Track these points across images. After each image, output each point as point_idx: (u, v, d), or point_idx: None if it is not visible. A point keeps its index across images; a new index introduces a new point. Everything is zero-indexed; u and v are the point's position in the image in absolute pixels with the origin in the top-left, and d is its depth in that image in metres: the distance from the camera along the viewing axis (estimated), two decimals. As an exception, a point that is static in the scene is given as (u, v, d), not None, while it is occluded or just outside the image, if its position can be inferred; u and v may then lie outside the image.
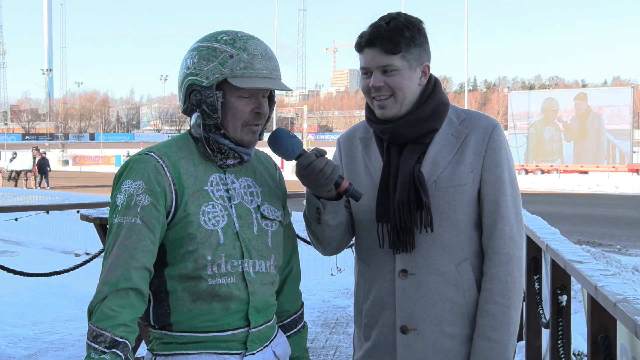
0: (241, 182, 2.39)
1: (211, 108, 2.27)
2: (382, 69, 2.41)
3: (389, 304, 2.47)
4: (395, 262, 2.45)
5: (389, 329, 2.48)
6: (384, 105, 2.43)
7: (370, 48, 2.42)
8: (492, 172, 2.44)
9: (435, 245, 2.42)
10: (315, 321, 7.98)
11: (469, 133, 2.47)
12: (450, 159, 2.44)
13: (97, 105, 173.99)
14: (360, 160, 2.57)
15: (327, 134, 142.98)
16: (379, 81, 2.41)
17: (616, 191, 34.80)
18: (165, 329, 2.28)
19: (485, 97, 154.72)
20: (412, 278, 2.43)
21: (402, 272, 2.44)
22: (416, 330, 2.44)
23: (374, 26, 2.42)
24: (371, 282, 2.52)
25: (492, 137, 2.46)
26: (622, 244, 17.14)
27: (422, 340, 2.44)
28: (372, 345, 2.53)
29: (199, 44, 2.33)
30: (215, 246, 2.25)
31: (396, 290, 2.45)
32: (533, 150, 48.54)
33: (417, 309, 2.44)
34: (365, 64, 2.44)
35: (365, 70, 2.45)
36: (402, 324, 2.45)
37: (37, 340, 7.16)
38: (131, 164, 2.25)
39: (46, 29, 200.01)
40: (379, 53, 2.40)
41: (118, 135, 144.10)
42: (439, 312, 2.43)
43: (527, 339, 5.75)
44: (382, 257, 2.48)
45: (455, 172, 2.43)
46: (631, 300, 2.79)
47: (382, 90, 2.42)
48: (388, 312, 2.48)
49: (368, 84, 2.44)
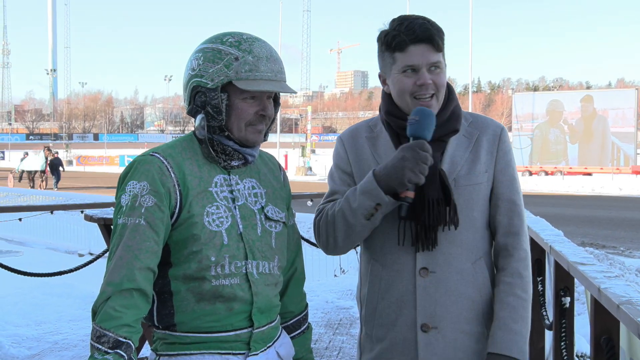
0: (245, 183, 2.39)
1: (216, 110, 2.28)
2: (429, 67, 2.40)
3: (409, 302, 2.46)
4: (416, 260, 2.45)
5: (408, 328, 2.47)
6: (429, 105, 2.42)
7: (418, 45, 2.38)
8: (505, 172, 2.52)
9: (454, 243, 2.45)
10: (318, 322, 7.98)
11: (480, 134, 2.52)
12: (466, 157, 2.48)
13: (101, 105, 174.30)
14: (369, 158, 2.54)
15: (331, 135, 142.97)
16: (428, 78, 2.40)
17: (620, 193, 34.74)
18: (169, 330, 2.28)
19: (489, 98, 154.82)
20: (433, 276, 2.44)
21: (423, 269, 2.44)
22: (437, 328, 2.45)
23: (420, 24, 2.39)
24: (387, 282, 2.50)
25: (502, 138, 2.54)
26: (626, 245, 17.11)
27: (442, 339, 2.45)
28: (388, 345, 2.52)
29: (204, 45, 2.33)
30: (219, 247, 2.25)
31: (417, 288, 2.45)
32: (537, 152, 48.45)
33: (438, 307, 2.45)
34: (414, 61, 2.39)
35: (412, 67, 2.40)
36: (423, 322, 2.45)
37: (40, 340, 7.17)
38: (136, 165, 2.26)
39: (50, 29, 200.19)
40: (428, 50, 2.39)
41: (122, 136, 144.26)
42: (458, 310, 2.46)
43: (531, 341, 5.74)
44: (401, 256, 2.47)
45: (472, 171, 2.47)
46: (634, 302, 2.79)
47: (429, 88, 2.41)
48: (407, 311, 2.47)
49: (413, 82, 2.41)
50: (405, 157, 2.30)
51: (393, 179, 2.32)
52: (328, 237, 2.51)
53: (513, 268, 2.48)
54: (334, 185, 2.60)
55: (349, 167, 2.58)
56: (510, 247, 2.50)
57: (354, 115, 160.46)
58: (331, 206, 2.51)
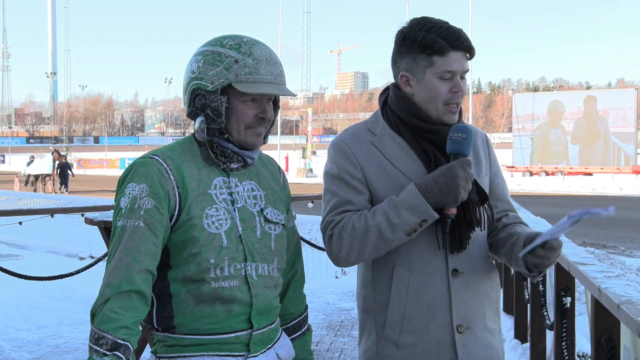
0: (245, 186, 2.39)
1: (215, 112, 2.28)
2: (462, 74, 2.45)
3: (443, 304, 2.46)
4: (448, 262, 2.46)
5: (442, 331, 2.46)
6: (456, 111, 2.47)
7: (458, 51, 2.41)
8: (498, 175, 2.65)
9: (474, 243, 2.49)
10: (320, 324, 7.98)
11: (474, 139, 2.58)
12: (472, 161, 2.50)
13: (102, 108, 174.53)
14: (383, 162, 2.48)
15: (331, 137, 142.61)
16: (463, 86, 2.45)
17: (620, 193, 34.72)
18: (169, 332, 2.29)
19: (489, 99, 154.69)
20: (462, 277, 2.47)
21: (454, 271, 2.46)
22: (470, 328, 2.48)
23: (457, 30, 2.43)
24: (417, 287, 2.45)
25: (489, 142, 2.67)
26: (627, 245, 17.12)
27: (475, 338, 2.49)
28: (419, 350, 2.47)
29: (204, 48, 2.33)
30: (218, 249, 2.25)
31: (451, 289, 2.46)
32: (538, 152, 48.45)
33: (469, 307, 2.48)
34: (453, 67, 2.41)
35: (451, 73, 2.41)
36: (458, 323, 2.47)
37: (41, 344, 7.17)
38: (135, 167, 2.27)
39: (50, 32, 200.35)
40: (464, 58, 2.44)
41: (122, 139, 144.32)
42: (483, 310, 2.52)
43: (532, 341, 5.75)
44: (431, 260, 2.46)
45: (478, 172, 2.55)
46: (635, 302, 2.80)
47: (460, 97, 2.46)
48: (441, 314, 2.46)
49: (449, 88, 2.42)
50: (460, 176, 2.32)
51: (447, 196, 2.33)
52: (351, 251, 2.42)
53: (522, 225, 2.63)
54: (343, 195, 2.49)
55: (359, 173, 2.49)
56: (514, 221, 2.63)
57: (354, 116, 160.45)
58: (357, 218, 2.41)
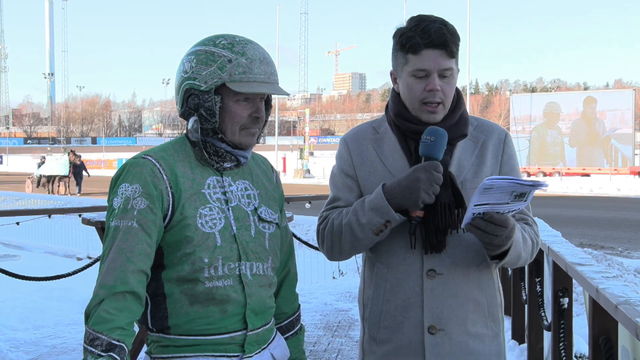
0: (238, 185, 2.39)
1: (209, 112, 2.27)
2: (440, 73, 2.39)
3: (416, 304, 2.46)
4: (424, 263, 2.45)
5: (415, 330, 2.46)
6: (435, 111, 2.42)
7: (432, 49, 2.37)
8: (510, 175, 2.48)
9: (460, 245, 2.45)
10: (317, 324, 7.98)
11: (486, 139, 2.54)
12: (472, 161, 2.49)
13: (99, 109, 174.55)
14: (375, 160, 2.53)
15: (329, 137, 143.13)
16: (437, 85, 2.39)
17: (618, 194, 34.77)
18: (163, 332, 2.28)
19: (487, 100, 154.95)
20: (440, 278, 2.44)
21: (430, 271, 2.44)
22: (444, 330, 2.45)
23: (436, 28, 2.38)
24: (393, 284, 2.49)
25: (506, 143, 2.56)
26: (624, 246, 17.13)
27: (449, 341, 2.45)
28: (393, 348, 2.50)
29: (196, 47, 2.33)
30: (212, 249, 2.25)
31: (424, 290, 2.44)
32: (535, 154, 48.48)
33: (445, 308, 2.45)
34: (426, 65, 2.38)
35: (423, 72, 2.39)
36: (430, 324, 2.45)
37: (38, 345, 7.16)
38: (128, 168, 2.26)
39: (48, 33, 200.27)
40: (441, 55, 2.38)
41: (120, 139, 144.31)
42: (464, 312, 2.46)
43: (529, 341, 5.75)
44: (407, 258, 2.47)
45: (478, 173, 2.48)
46: (632, 303, 2.80)
47: (437, 95, 2.40)
48: (414, 313, 2.46)
49: (423, 87, 2.40)
50: (421, 178, 2.30)
51: (407, 199, 2.33)
52: (333, 247, 2.52)
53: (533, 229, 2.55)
54: (336, 191, 2.59)
55: (352, 170, 2.57)
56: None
57: (352, 117, 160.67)
58: (336, 215, 2.50)
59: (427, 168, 2.31)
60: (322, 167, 48.39)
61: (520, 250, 2.40)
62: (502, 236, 2.26)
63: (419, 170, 2.32)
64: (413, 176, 2.32)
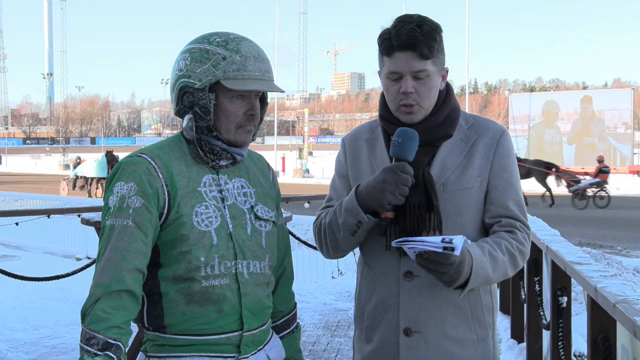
0: (234, 183, 2.39)
1: (204, 110, 2.27)
2: (414, 74, 2.37)
3: (393, 306, 2.45)
4: (400, 264, 2.43)
5: (392, 331, 2.46)
6: (411, 112, 2.41)
7: (404, 52, 2.35)
8: (500, 177, 2.44)
9: None
10: (316, 324, 7.98)
11: (478, 138, 2.47)
12: (459, 162, 2.44)
13: (98, 109, 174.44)
14: (365, 161, 2.54)
15: (328, 137, 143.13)
16: (410, 87, 2.37)
17: (617, 193, 34.72)
18: (159, 331, 2.27)
19: (486, 99, 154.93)
20: (417, 280, 2.41)
21: (407, 274, 2.42)
22: (420, 332, 2.42)
23: (408, 30, 2.35)
24: (374, 284, 2.50)
25: (500, 142, 2.47)
26: (623, 245, 17.13)
27: (425, 343, 2.42)
28: (374, 347, 2.51)
29: (191, 45, 2.33)
30: (208, 247, 2.25)
31: (400, 292, 2.43)
32: (534, 153, 48.44)
33: (421, 311, 2.42)
34: (397, 68, 2.37)
35: (396, 74, 2.39)
36: (406, 326, 2.43)
37: (38, 345, 7.16)
38: (123, 166, 2.25)
39: (46, 33, 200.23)
40: (412, 57, 2.35)
41: (119, 140, 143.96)
42: (442, 315, 2.42)
43: (528, 341, 5.76)
44: (387, 259, 2.46)
45: (463, 175, 2.42)
46: (630, 301, 2.80)
47: (412, 96, 2.38)
48: (391, 314, 2.45)
49: (398, 89, 2.39)
50: (386, 179, 2.30)
51: (373, 200, 2.33)
52: (322, 245, 2.56)
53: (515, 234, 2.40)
54: (331, 191, 2.63)
55: (345, 171, 2.59)
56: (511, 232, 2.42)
57: (350, 117, 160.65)
58: (324, 215, 2.55)
59: (393, 169, 2.30)
60: (321, 167, 48.35)
61: (487, 274, 2.30)
62: (449, 273, 2.19)
63: (385, 171, 2.32)
64: (379, 177, 2.32)
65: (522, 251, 2.42)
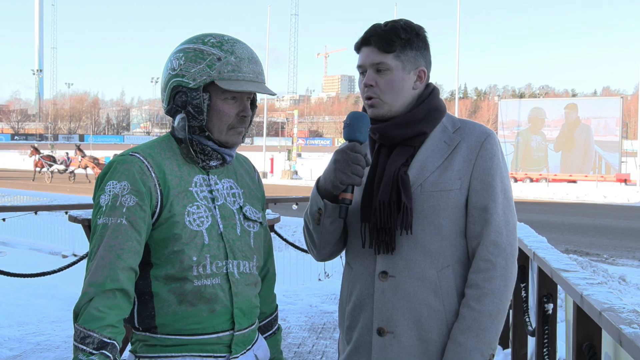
0: (224, 184, 2.40)
1: (197, 110, 2.28)
2: (375, 68, 2.44)
3: (368, 305, 2.46)
4: (376, 264, 2.44)
5: (367, 331, 2.46)
6: (373, 104, 2.45)
7: (366, 46, 2.46)
8: (481, 179, 2.41)
9: (416, 248, 2.40)
10: (302, 326, 7.98)
11: (461, 141, 2.45)
12: (439, 164, 2.42)
13: (87, 106, 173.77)
14: None
15: (317, 139, 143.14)
16: (371, 79, 2.44)
17: (604, 201, 34.89)
18: (150, 332, 2.27)
19: (475, 104, 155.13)
20: (392, 280, 2.41)
21: (382, 273, 2.42)
22: (393, 333, 2.42)
23: (373, 27, 2.47)
24: (353, 284, 2.52)
25: (484, 145, 2.44)
26: (609, 253, 17.19)
27: (397, 344, 2.42)
28: (352, 347, 2.51)
29: (185, 45, 2.33)
30: (200, 247, 2.25)
31: (375, 291, 2.43)
32: (520, 159, 48.64)
33: (395, 311, 2.41)
34: (360, 61, 2.48)
35: (360, 68, 2.49)
36: (379, 326, 2.43)
37: (22, 341, 7.13)
38: (115, 165, 2.25)
39: (37, 29, 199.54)
40: (373, 51, 2.44)
41: (108, 137, 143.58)
42: (416, 317, 2.40)
43: (513, 347, 5.77)
44: (365, 259, 2.48)
45: (442, 177, 2.41)
46: (616, 309, 2.81)
47: (374, 88, 2.44)
48: (366, 314, 2.46)
49: (363, 84, 2.47)
50: (337, 159, 2.36)
51: (327, 181, 2.38)
52: (307, 245, 2.62)
53: (471, 279, 2.38)
54: None
55: None
56: (473, 258, 2.41)
57: (340, 119, 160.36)
58: None
59: (343, 149, 2.36)
60: (309, 169, 48.33)
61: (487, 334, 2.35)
62: None
63: (336, 152, 2.39)
64: (331, 160, 2.39)
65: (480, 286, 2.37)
